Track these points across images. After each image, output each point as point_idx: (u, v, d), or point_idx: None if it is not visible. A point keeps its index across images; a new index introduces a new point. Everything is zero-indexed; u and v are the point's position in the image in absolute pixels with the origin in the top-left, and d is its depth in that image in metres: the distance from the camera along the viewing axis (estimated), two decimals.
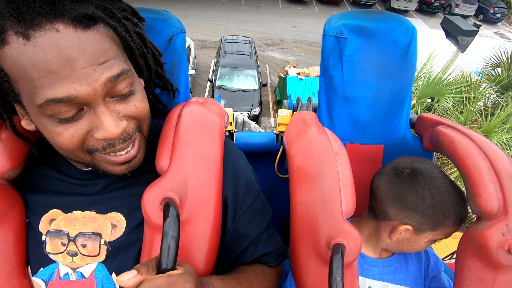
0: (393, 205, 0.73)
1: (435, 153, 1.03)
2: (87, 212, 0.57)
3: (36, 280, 0.55)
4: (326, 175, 0.64)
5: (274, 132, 1.08)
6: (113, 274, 0.56)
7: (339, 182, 0.63)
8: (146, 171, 0.60)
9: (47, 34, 0.41)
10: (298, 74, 8.17)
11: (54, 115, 0.45)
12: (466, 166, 0.68)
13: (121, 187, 0.59)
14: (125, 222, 0.57)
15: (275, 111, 8.59)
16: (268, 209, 0.71)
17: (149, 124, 0.58)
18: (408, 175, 0.73)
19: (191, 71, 8.16)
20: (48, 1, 0.42)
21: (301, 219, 0.64)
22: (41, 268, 0.56)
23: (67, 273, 0.56)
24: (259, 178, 0.73)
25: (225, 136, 1.00)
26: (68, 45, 0.42)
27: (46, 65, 0.41)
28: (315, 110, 1.07)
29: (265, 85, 8.26)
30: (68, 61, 0.42)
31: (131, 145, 0.54)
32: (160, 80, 0.68)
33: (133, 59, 0.54)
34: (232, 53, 8.52)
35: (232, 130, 1.05)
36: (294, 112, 1.00)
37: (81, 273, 0.56)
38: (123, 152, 0.53)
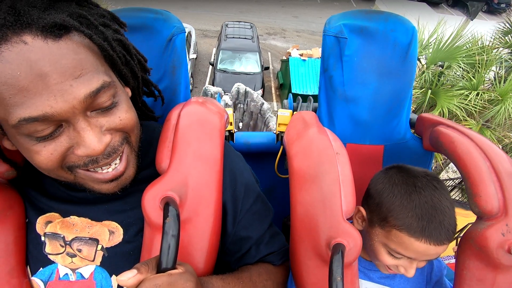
0: (365, 192, 0.75)
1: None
2: (83, 218, 0.57)
3: (35, 280, 0.55)
4: (326, 175, 0.64)
5: (274, 132, 1.08)
6: (113, 276, 0.56)
7: (339, 182, 0.63)
8: (144, 179, 0.58)
9: (14, 47, 0.38)
10: (301, 55, 7.89)
11: (31, 134, 0.42)
12: (466, 166, 0.68)
13: (117, 197, 0.57)
14: (121, 230, 0.57)
15: (278, 96, 8.57)
16: (269, 208, 0.70)
17: (139, 135, 0.55)
18: (394, 168, 0.72)
19: (192, 55, 8.10)
20: (13, 11, 0.38)
21: (301, 219, 0.64)
22: (41, 268, 0.56)
23: (66, 274, 0.56)
24: (259, 178, 0.73)
25: (225, 136, 1.01)
26: (38, 58, 0.38)
27: (16, 81, 0.38)
28: (315, 110, 1.07)
29: (267, 68, 8.07)
30: (40, 76, 0.38)
31: (118, 159, 0.50)
32: (146, 86, 0.65)
33: (116, 68, 0.50)
34: (233, 37, 8.41)
35: (232, 130, 1.05)
36: (294, 112, 1.00)
37: (81, 274, 0.56)
38: (110, 169, 0.50)
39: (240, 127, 4.25)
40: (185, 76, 0.85)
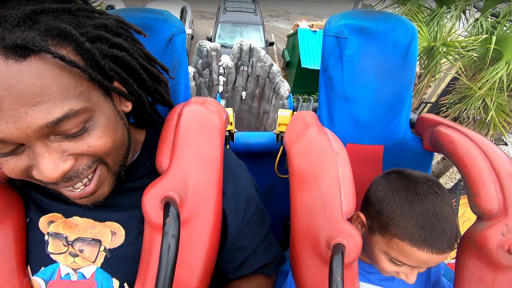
0: (364, 196, 0.74)
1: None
2: (85, 219, 0.57)
3: (37, 279, 0.55)
4: (326, 175, 0.64)
5: (274, 132, 1.09)
6: (114, 277, 0.56)
7: (339, 182, 0.63)
8: (147, 183, 0.56)
9: None
10: (311, 26, 6.89)
11: None
12: (466, 166, 0.68)
13: (117, 201, 0.57)
14: (123, 231, 0.57)
15: (284, 77, 8.08)
16: (267, 216, 0.71)
17: (121, 155, 0.51)
18: (394, 173, 0.70)
19: (188, 31, 7.59)
20: None
21: (301, 219, 0.64)
22: (42, 268, 0.56)
23: (68, 273, 0.56)
24: (259, 178, 0.73)
25: (225, 136, 1.01)
26: None
27: None
28: (315, 110, 1.07)
29: (271, 44, 7.27)
30: None
31: (87, 179, 0.47)
32: (161, 96, 0.62)
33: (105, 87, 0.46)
34: (234, 10, 7.62)
35: (232, 130, 1.05)
36: (294, 112, 1.00)
37: (82, 274, 0.56)
38: (78, 191, 0.47)
39: (243, 97, 3.55)
40: (185, 76, 0.85)
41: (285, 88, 3.27)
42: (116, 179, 0.53)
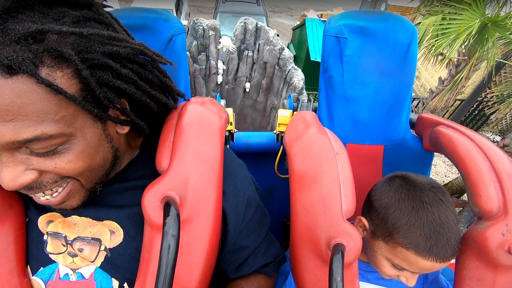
0: (366, 200, 0.73)
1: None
2: (84, 218, 0.57)
3: (36, 280, 0.55)
4: (326, 175, 0.64)
5: (274, 132, 1.09)
6: (113, 278, 0.56)
7: (339, 182, 0.63)
8: (144, 183, 0.56)
9: None
10: (320, 16, 6.36)
11: None
12: (466, 166, 0.68)
13: (115, 200, 0.58)
14: (121, 230, 0.57)
15: None
16: (267, 216, 0.71)
17: (100, 175, 0.51)
18: (398, 178, 0.70)
19: (184, 22, 7.18)
20: None
21: (301, 220, 0.64)
22: (41, 268, 0.56)
23: (67, 274, 0.56)
24: (259, 178, 0.73)
25: (225, 136, 1.01)
26: None
27: None
28: (315, 110, 1.07)
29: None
30: None
31: (50, 191, 0.47)
32: (163, 119, 0.62)
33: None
34: (234, 0, 7.07)
35: (232, 130, 1.05)
36: (294, 112, 1.00)
37: (81, 274, 0.56)
38: (43, 198, 0.47)
39: (247, 89, 2.97)
40: (185, 76, 0.85)
41: (298, 77, 2.66)
42: (90, 194, 0.53)
